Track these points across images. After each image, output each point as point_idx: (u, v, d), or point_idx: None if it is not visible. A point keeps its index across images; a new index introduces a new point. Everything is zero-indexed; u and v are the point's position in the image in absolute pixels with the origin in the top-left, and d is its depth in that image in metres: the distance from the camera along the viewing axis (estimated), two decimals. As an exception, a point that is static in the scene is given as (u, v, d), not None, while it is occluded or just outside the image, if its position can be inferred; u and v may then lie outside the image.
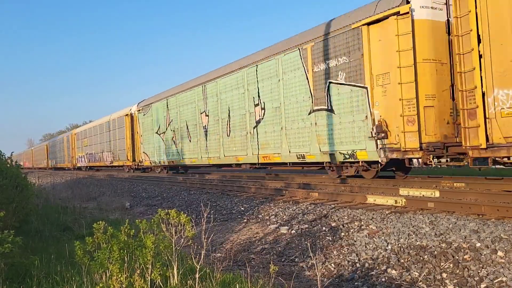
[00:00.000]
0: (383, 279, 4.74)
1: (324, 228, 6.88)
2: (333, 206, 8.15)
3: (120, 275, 3.70)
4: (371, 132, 9.85)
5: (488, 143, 7.43)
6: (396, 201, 7.68)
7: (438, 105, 9.24)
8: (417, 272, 4.74)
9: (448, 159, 9.17)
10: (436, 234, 5.63)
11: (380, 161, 9.85)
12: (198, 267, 3.92)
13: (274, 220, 8.04)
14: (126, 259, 3.83)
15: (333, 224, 6.95)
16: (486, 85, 7.51)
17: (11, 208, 6.85)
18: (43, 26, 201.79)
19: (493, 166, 7.95)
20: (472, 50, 7.62)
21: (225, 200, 10.95)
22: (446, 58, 9.35)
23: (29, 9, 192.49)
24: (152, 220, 4.12)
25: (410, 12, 9.19)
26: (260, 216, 8.57)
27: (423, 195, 8.10)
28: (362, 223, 6.76)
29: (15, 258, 4.93)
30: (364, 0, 10.69)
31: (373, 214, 7.13)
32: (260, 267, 5.65)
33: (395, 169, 11.52)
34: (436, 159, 9.05)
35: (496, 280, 4.24)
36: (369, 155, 10.06)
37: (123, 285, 3.69)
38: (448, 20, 9.35)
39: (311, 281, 4.97)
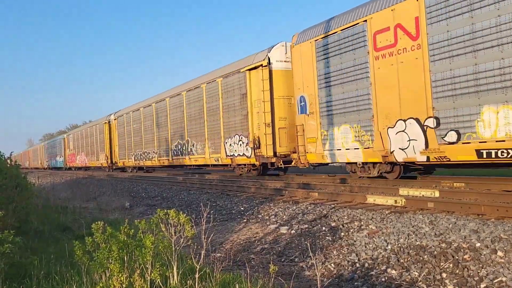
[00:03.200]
0: (383, 279, 4.74)
1: (324, 228, 6.88)
2: (333, 206, 8.15)
3: (120, 275, 3.70)
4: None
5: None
6: (396, 201, 7.68)
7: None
8: (417, 272, 4.74)
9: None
10: (436, 234, 5.63)
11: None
12: (198, 267, 3.92)
13: (274, 220, 8.04)
14: (125, 259, 3.83)
15: (333, 224, 6.95)
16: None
17: (11, 208, 6.85)
18: (43, 26, 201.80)
19: None
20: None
21: (225, 200, 10.95)
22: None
23: (29, 9, 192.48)
24: (151, 220, 4.12)
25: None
26: (260, 216, 8.57)
27: (423, 195, 8.10)
28: (362, 223, 6.76)
29: (15, 258, 4.93)
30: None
31: (373, 214, 7.13)
32: (260, 267, 5.65)
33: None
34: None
35: (496, 280, 4.24)
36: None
37: (123, 285, 3.69)
38: None
39: (311, 281, 4.97)
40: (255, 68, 14.22)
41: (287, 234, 6.99)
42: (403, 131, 9.53)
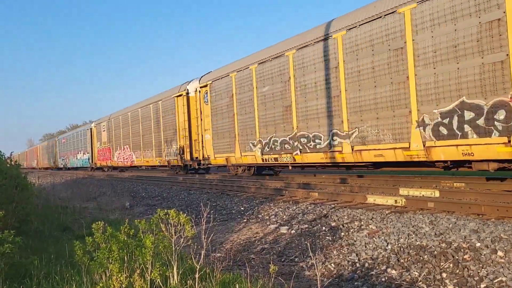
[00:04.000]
0: (383, 279, 4.74)
1: (324, 228, 6.88)
2: (333, 206, 8.15)
3: (120, 275, 3.70)
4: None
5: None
6: (396, 201, 7.68)
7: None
8: (417, 272, 4.74)
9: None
10: (436, 234, 5.63)
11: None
12: (198, 267, 3.92)
13: (274, 220, 8.04)
14: (125, 259, 3.83)
15: (333, 224, 6.94)
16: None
17: (11, 208, 6.85)
18: (43, 26, 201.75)
19: None
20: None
21: (225, 200, 10.95)
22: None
23: (30, 9, 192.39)
24: (152, 220, 4.12)
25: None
26: (260, 216, 8.57)
27: (423, 195, 8.10)
28: (362, 223, 6.76)
29: (15, 258, 4.93)
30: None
31: (373, 214, 7.13)
32: (260, 267, 5.64)
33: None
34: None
35: (496, 280, 4.23)
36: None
37: (123, 285, 3.69)
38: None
39: (311, 281, 4.97)
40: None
41: (287, 234, 6.99)
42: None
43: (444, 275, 4.56)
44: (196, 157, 18.65)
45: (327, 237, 6.43)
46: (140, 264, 3.82)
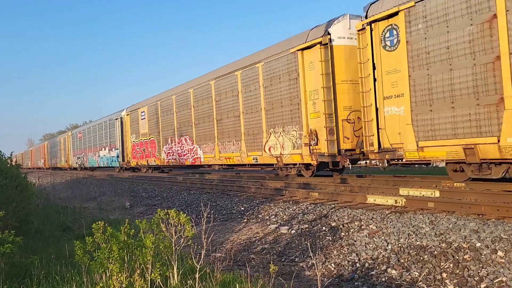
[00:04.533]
0: (383, 279, 4.74)
1: (324, 228, 6.88)
2: (333, 206, 8.15)
3: (120, 275, 3.70)
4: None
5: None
6: (396, 201, 7.68)
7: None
8: (417, 272, 4.74)
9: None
10: (436, 234, 5.63)
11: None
12: (198, 267, 3.92)
13: (274, 220, 8.04)
14: (126, 259, 3.83)
15: (333, 224, 6.95)
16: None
17: (11, 208, 6.85)
18: (43, 25, 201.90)
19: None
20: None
21: (225, 200, 10.95)
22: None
23: (30, 9, 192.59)
24: (152, 220, 4.12)
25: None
26: (260, 216, 8.57)
27: (423, 195, 8.10)
28: (362, 223, 6.76)
29: (15, 258, 4.94)
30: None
31: (373, 214, 7.13)
32: (260, 267, 5.65)
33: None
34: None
35: (496, 280, 4.24)
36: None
37: (123, 285, 3.69)
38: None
39: (311, 281, 4.97)
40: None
41: (288, 234, 6.99)
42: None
43: (444, 275, 4.56)
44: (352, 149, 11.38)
45: (327, 237, 6.43)
46: (140, 264, 3.82)
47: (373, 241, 5.85)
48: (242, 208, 9.60)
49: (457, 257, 4.84)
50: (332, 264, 5.42)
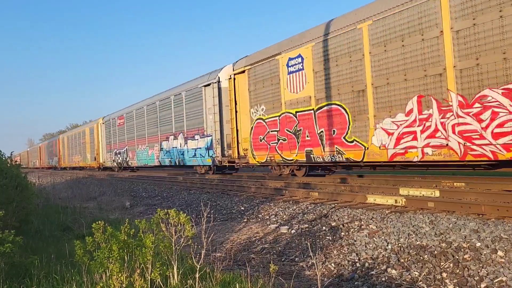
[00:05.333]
0: (383, 279, 4.74)
1: (324, 227, 6.88)
2: (333, 205, 8.15)
3: (120, 275, 3.70)
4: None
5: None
6: (396, 201, 7.68)
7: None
8: (417, 271, 4.74)
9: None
10: (436, 234, 5.63)
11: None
12: (198, 266, 3.92)
13: (274, 219, 8.04)
14: (126, 258, 3.83)
15: (333, 224, 6.95)
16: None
17: (11, 208, 6.86)
18: (43, 25, 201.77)
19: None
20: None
21: (225, 199, 10.95)
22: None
23: (30, 9, 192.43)
24: (152, 220, 4.12)
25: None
26: (260, 215, 8.57)
27: (423, 195, 8.10)
28: (362, 222, 6.76)
29: (15, 258, 4.93)
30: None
31: (373, 213, 7.13)
32: (260, 267, 5.65)
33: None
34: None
35: (496, 280, 4.24)
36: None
37: (123, 285, 3.69)
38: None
39: (311, 281, 4.97)
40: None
41: (288, 233, 6.99)
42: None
43: (444, 275, 4.56)
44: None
45: (327, 237, 6.43)
46: (140, 264, 3.82)
47: (373, 241, 5.85)
48: (242, 208, 9.60)
49: (457, 257, 4.83)
50: (332, 264, 5.41)
